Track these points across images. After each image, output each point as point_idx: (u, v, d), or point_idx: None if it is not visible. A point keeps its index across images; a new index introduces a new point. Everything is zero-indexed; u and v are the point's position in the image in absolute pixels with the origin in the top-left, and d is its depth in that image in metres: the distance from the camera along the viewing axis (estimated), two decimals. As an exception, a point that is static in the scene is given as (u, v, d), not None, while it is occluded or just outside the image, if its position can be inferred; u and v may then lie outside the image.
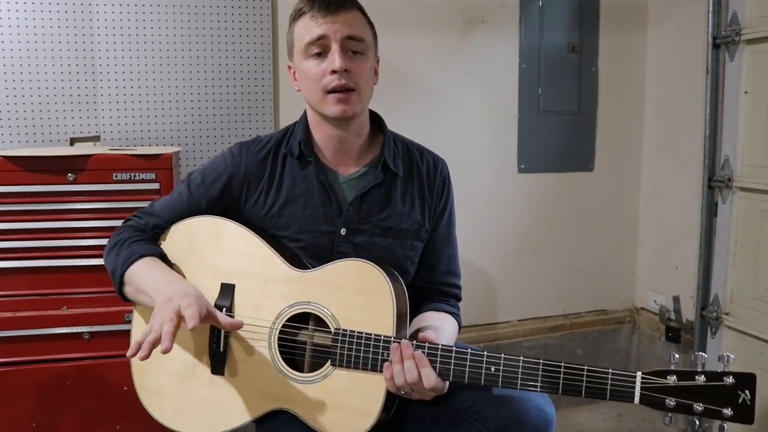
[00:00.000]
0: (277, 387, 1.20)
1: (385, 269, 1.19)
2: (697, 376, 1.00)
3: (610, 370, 1.04)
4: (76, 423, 1.75)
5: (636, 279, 2.73)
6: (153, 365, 1.27)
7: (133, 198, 1.72)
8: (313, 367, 1.21)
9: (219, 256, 1.27)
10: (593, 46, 2.55)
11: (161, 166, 1.75)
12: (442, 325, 1.30)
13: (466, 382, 1.11)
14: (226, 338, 1.24)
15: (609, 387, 1.04)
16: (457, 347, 1.13)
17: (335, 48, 1.21)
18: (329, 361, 1.18)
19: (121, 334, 1.73)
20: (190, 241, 1.29)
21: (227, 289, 1.25)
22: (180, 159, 2.08)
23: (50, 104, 1.97)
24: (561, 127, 2.54)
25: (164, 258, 1.28)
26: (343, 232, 1.29)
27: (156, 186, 1.74)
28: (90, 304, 1.74)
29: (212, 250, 1.27)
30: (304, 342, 1.23)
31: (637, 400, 1.03)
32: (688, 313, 2.44)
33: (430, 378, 1.11)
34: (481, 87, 2.43)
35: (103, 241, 1.71)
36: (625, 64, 2.59)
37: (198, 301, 1.12)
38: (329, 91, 1.22)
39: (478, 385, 1.12)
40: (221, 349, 1.23)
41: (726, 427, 1.01)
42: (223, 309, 1.23)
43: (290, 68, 1.33)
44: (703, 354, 1.03)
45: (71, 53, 1.98)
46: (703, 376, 1.00)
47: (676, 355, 1.05)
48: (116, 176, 1.73)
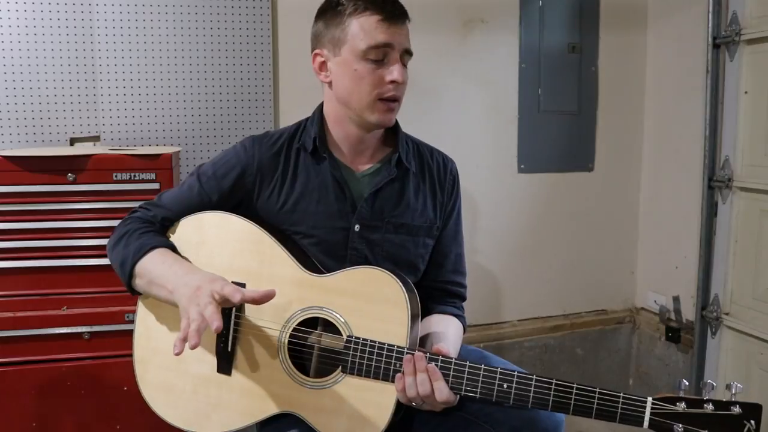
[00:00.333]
0: (286, 390, 1.20)
1: (400, 278, 1.18)
2: (705, 405, 1.02)
3: (622, 393, 1.05)
4: (76, 423, 1.76)
5: (636, 279, 2.73)
6: (156, 361, 1.26)
7: (133, 198, 1.72)
8: (321, 373, 1.20)
9: (230, 254, 1.25)
10: (593, 46, 2.55)
11: (161, 166, 1.75)
12: (447, 331, 1.29)
13: (478, 397, 1.12)
14: (234, 338, 1.23)
15: (619, 410, 1.05)
16: (470, 362, 1.12)
17: (397, 58, 1.22)
18: (340, 367, 1.17)
19: (121, 334, 1.73)
20: (200, 237, 1.27)
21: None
22: (180, 159, 2.08)
23: (50, 104, 1.97)
24: (561, 127, 2.54)
25: (175, 251, 1.26)
26: (357, 228, 1.28)
27: (156, 186, 1.74)
28: (90, 304, 1.74)
29: (223, 248, 1.26)
30: (314, 347, 1.21)
31: (646, 424, 1.04)
32: (688, 313, 2.45)
33: (443, 392, 1.10)
34: (481, 87, 2.43)
35: (103, 241, 1.70)
36: (625, 64, 2.59)
37: (228, 281, 1.11)
38: (381, 99, 1.23)
39: (490, 401, 1.13)
40: (229, 349, 1.22)
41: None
42: (233, 309, 1.21)
43: (318, 56, 1.28)
44: (712, 382, 1.05)
45: (71, 53, 1.98)
46: (711, 405, 1.02)
47: (685, 382, 1.06)
48: (116, 176, 1.73)
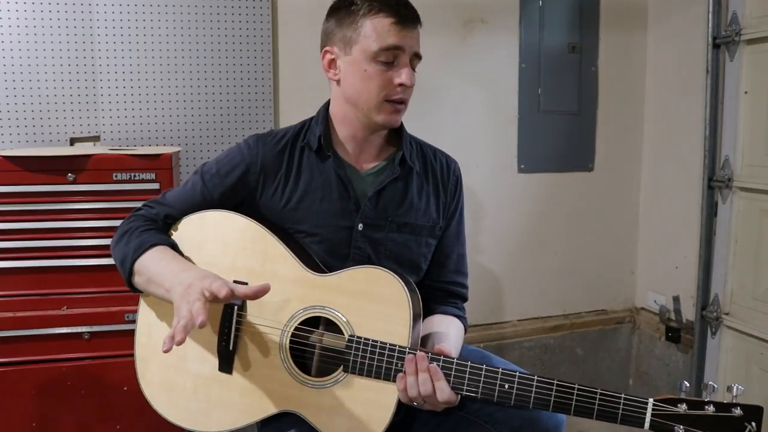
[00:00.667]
0: (287, 389, 1.20)
1: (402, 277, 1.18)
2: (706, 406, 1.02)
3: (623, 395, 1.05)
4: (76, 423, 1.76)
5: (636, 279, 2.73)
6: (157, 359, 1.26)
7: (133, 198, 1.72)
8: (322, 372, 1.20)
9: (232, 252, 1.25)
10: (593, 46, 2.55)
11: (161, 166, 1.75)
12: (449, 331, 1.30)
13: (479, 397, 1.12)
14: (236, 337, 1.23)
15: (620, 411, 1.05)
16: (472, 362, 1.12)
17: (406, 61, 1.25)
18: (341, 367, 1.18)
19: (121, 334, 1.73)
20: (203, 235, 1.28)
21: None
22: (180, 159, 2.08)
23: (50, 104, 1.97)
24: (561, 127, 2.54)
25: (176, 249, 1.26)
26: (360, 227, 1.28)
27: (156, 186, 1.74)
28: (90, 304, 1.74)
29: (225, 246, 1.26)
30: (316, 346, 1.21)
31: (647, 425, 1.04)
32: (688, 313, 2.44)
33: (444, 392, 1.11)
34: (481, 87, 2.43)
35: (102, 241, 1.72)
36: (625, 64, 2.59)
37: (218, 277, 1.12)
38: (389, 101, 1.25)
39: (491, 401, 1.13)
40: (230, 348, 1.22)
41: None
42: (235, 307, 1.22)
43: (328, 53, 1.28)
44: (713, 384, 1.05)
45: (71, 53, 1.98)
46: (712, 406, 1.02)
47: (686, 383, 1.06)
48: (116, 176, 1.73)
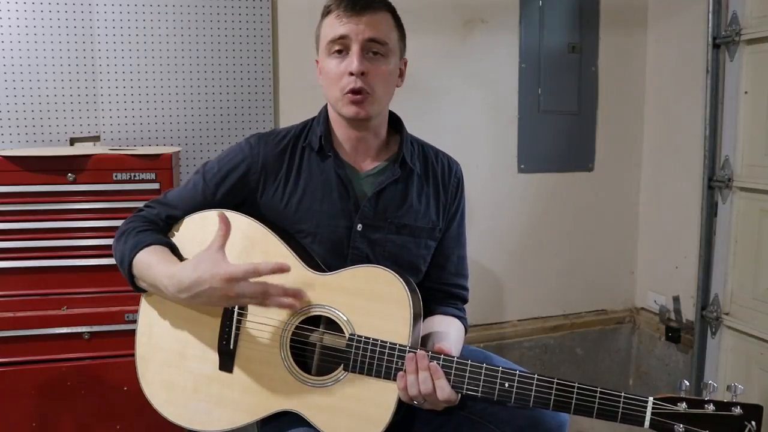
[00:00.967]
0: (287, 388, 1.20)
1: (402, 276, 1.19)
2: (706, 405, 1.02)
3: (623, 393, 1.05)
4: (76, 423, 1.76)
5: (636, 279, 2.73)
6: (158, 358, 1.26)
7: (133, 198, 1.72)
8: (322, 371, 1.20)
9: (234, 252, 1.25)
10: (593, 46, 2.55)
11: (161, 166, 1.75)
12: (449, 331, 1.30)
13: (480, 396, 1.12)
14: (236, 336, 1.23)
15: (620, 410, 1.05)
16: (472, 361, 1.12)
17: (355, 49, 1.21)
18: (342, 366, 1.18)
19: (121, 334, 1.73)
20: (204, 234, 1.27)
21: None
22: (180, 159, 2.08)
23: (50, 104, 1.97)
24: (561, 127, 2.54)
25: (174, 249, 1.27)
26: (360, 228, 1.28)
27: (156, 186, 1.74)
28: (90, 304, 1.74)
29: (227, 246, 1.24)
30: (316, 345, 1.22)
31: (647, 424, 1.04)
32: (688, 313, 2.44)
33: (445, 390, 1.11)
34: (481, 87, 2.43)
35: (102, 241, 1.72)
36: (625, 64, 2.59)
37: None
38: (345, 92, 1.23)
39: (491, 400, 1.13)
40: (231, 347, 1.23)
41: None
42: (235, 306, 1.23)
43: (317, 62, 1.32)
44: (713, 383, 1.05)
45: (71, 53, 1.98)
46: (712, 405, 1.02)
47: (686, 382, 1.06)
48: (116, 176, 1.73)
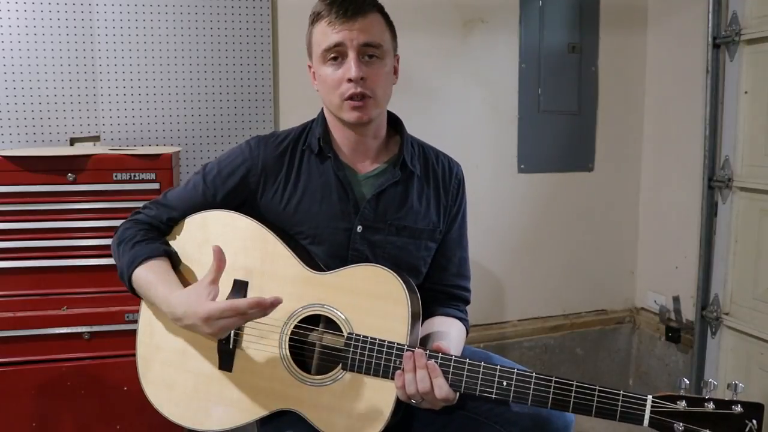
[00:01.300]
0: (286, 387, 1.20)
1: (401, 276, 1.19)
2: (706, 403, 1.01)
3: (622, 391, 1.05)
4: (76, 423, 1.75)
5: (636, 279, 2.73)
6: (159, 358, 1.26)
7: (133, 198, 1.72)
8: (321, 370, 1.20)
9: (233, 251, 1.25)
10: (593, 46, 2.55)
11: (161, 166, 1.75)
12: (450, 331, 1.30)
13: (477, 394, 1.11)
14: (236, 335, 1.23)
15: (619, 408, 1.04)
16: (470, 360, 1.12)
17: (352, 56, 1.21)
18: (340, 365, 1.18)
19: (121, 334, 1.73)
20: (204, 235, 1.28)
21: (240, 285, 1.25)
22: (180, 159, 2.08)
23: (50, 104, 1.97)
24: (561, 127, 2.54)
25: (171, 255, 1.27)
26: (359, 229, 1.28)
27: (156, 186, 1.74)
28: (90, 304, 1.74)
29: (226, 246, 1.25)
30: (315, 344, 1.22)
31: (646, 423, 1.04)
32: (688, 313, 2.44)
33: (443, 388, 1.11)
34: (481, 87, 2.43)
35: (102, 241, 1.72)
36: (625, 64, 2.59)
37: (196, 306, 1.12)
38: (346, 99, 1.22)
39: (489, 399, 1.13)
40: (230, 346, 1.23)
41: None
42: None
43: (310, 68, 1.32)
44: (713, 381, 1.04)
45: (71, 53, 1.98)
46: (712, 403, 1.01)
47: (685, 380, 1.06)
48: (116, 176, 1.73)
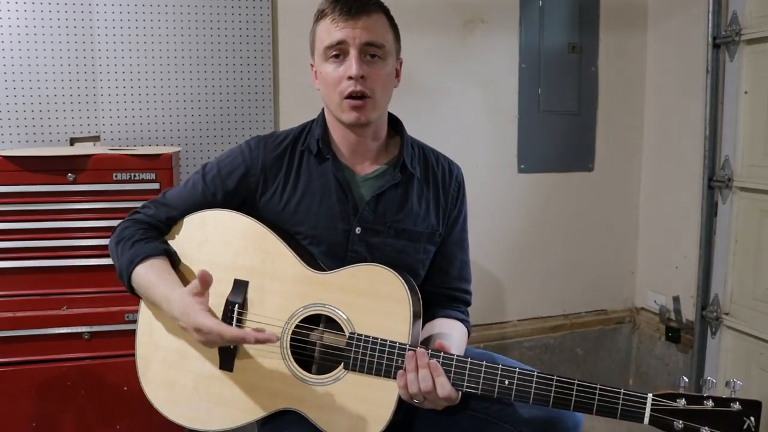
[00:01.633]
0: (287, 387, 1.20)
1: (402, 276, 1.19)
2: (705, 401, 1.03)
3: (622, 390, 1.06)
4: (76, 423, 1.75)
5: (636, 279, 2.73)
6: (158, 357, 1.26)
7: (133, 198, 1.72)
8: (323, 369, 1.20)
9: (233, 251, 1.25)
10: (593, 46, 2.55)
11: (161, 166, 1.75)
12: (452, 332, 1.29)
13: (479, 393, 1.12)
14: None
15: (620, 407, 1.05)
16: (472, 358, 1.12)
17: (353, 54, 1.21)
18: (342, 364, 1.18)
19: (121, 334, 1.73)
20: (204, 235, 1.28)
21: (240, 285, 1.24)
22: (180, 159, 2.08)
23: (50, 104, 1.97)
24: (561, 127, 2.54)
25: (170, 254, 1.27)
26: (358, 231, 1.28)
27: (156, 186, 1.74)
28: (90, 304, 1.74)
29: (226, 245, 1.26)
30: (316, 344, 1.22)
31: (646, 421, 1.05)
32: (688, 313, 2.44)
33: (445, 387, 1.10)
34: (481, 87, 2.43)
35: (103, 241, 1.71)
36: (625, 64, 2.59)
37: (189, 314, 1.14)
38: (345, 97, 1.22)
39: (492, 397, 1.13)
40: (231, 345, 1.22)
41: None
42: (235, 305, 1.23)
43: (312, 66, 1.32)
44: (712, 379, 1.05)
45: (71, 53, 1.98)
46: (711, 401, 1.02)
47: (685, 379, 1.07)
48: (116, 176, 1.73)
